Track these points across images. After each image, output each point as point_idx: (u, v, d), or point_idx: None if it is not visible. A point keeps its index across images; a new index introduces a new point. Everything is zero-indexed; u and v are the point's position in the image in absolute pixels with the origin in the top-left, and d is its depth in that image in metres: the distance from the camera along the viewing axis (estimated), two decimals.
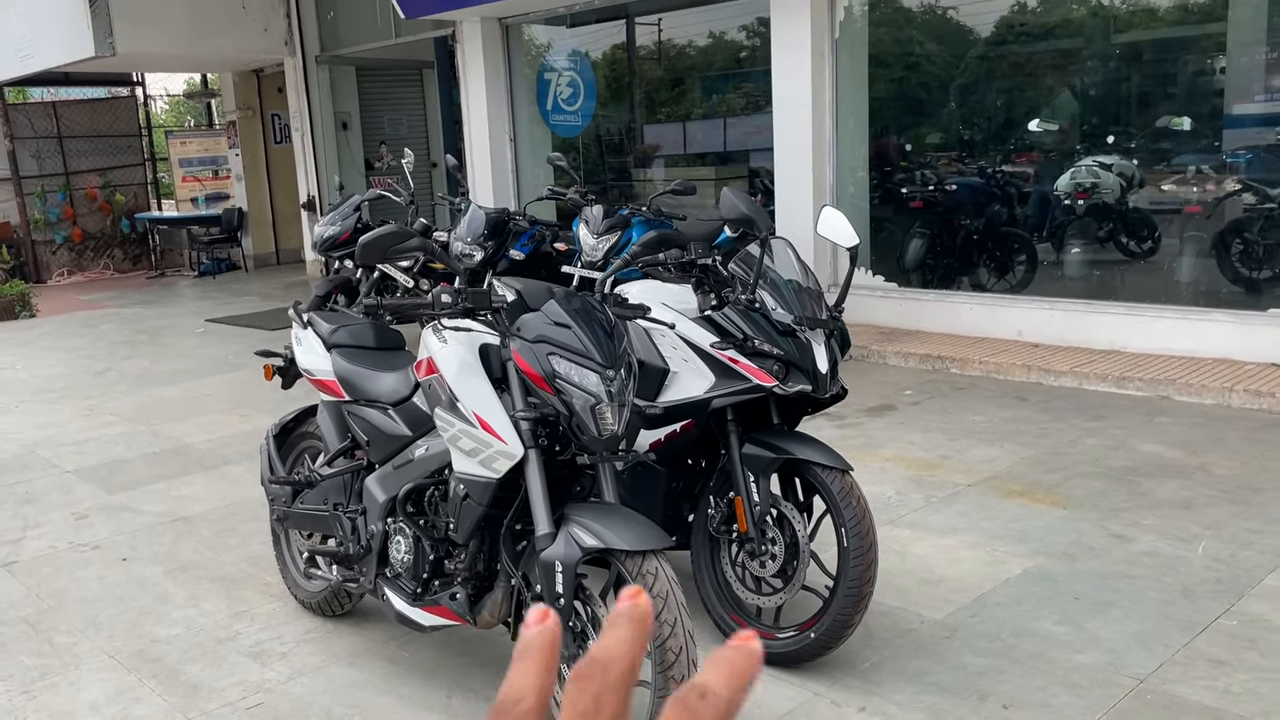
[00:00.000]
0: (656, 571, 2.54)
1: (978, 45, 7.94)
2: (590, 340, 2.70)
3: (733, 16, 9.38)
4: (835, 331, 3.25)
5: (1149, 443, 5.12)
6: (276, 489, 3.66)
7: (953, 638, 3.34)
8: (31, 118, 14.99)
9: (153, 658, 3.51)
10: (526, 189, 10.47)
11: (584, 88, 10.34)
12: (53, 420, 6.86)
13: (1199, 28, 6.96)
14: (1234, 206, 6.76)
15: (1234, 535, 3.99)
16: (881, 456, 5.14)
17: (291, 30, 12.88)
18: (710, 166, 9.93)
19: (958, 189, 8.10)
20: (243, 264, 15.02)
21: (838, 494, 3.06)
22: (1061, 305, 6.97)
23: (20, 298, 11.79)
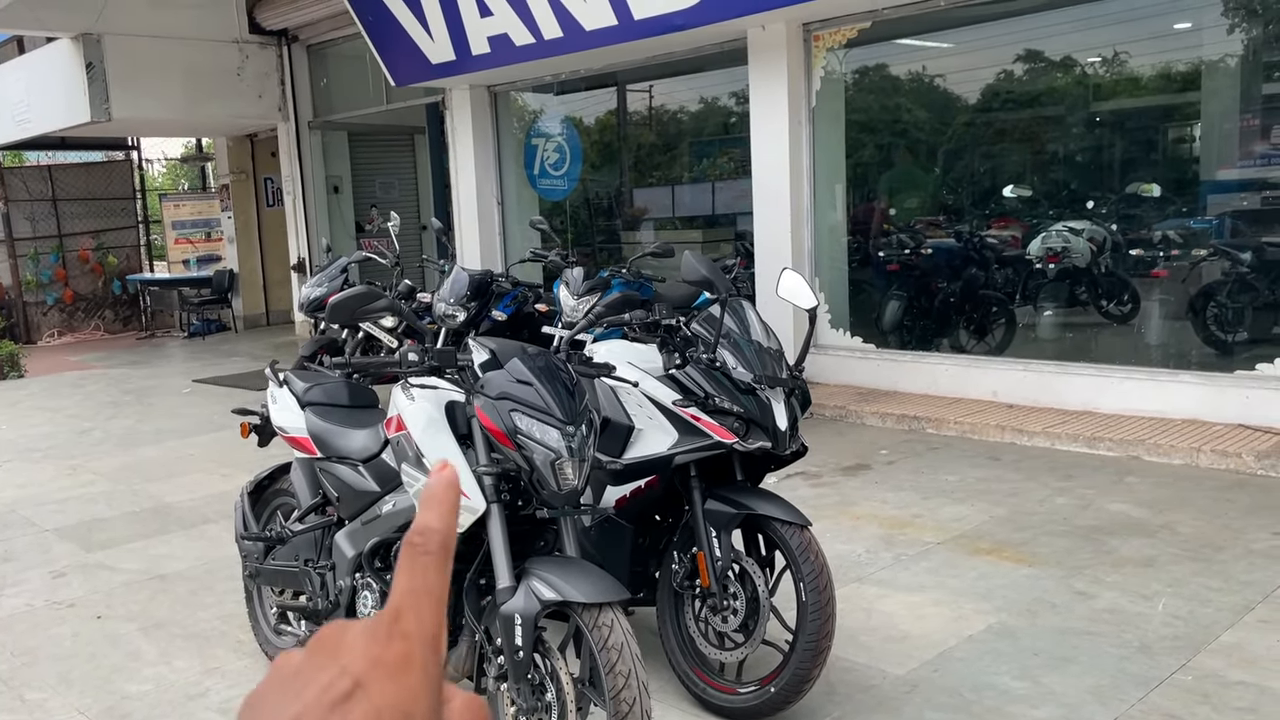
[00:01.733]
0: (612, 623, 2.59)
1: (955, 112, 8.16)
2: (552, 397, 2.79)
3: (719, 84, 9.62)
4: (795, 390, 3.34)
5: (1117, 502, 5.20)
6: (249, 545, 3.71)
7: (913, 693, 3.38)
8: (27, 181, 15.20)
9: (122, 714, 3.53)
10: (513, 251, 10.62)
11: (570, 152, 10.55)
12: (35, 479, 6.89)
13: (1176, 96, 7.18)
14: (1209, 270, 6.92)
15: (1194, 593, 4.05)
16: (854, 514, 5.20)
17: (285, 97, 13.14)
18: (697, 230, 10.11)
19: (934, 253, 8.26)
20: (233, 325, 15.14)
21: (796, 549, 3.13)
22: (1035, 366, 7.08)
23: (9, 358, 11.85)
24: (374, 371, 3.02)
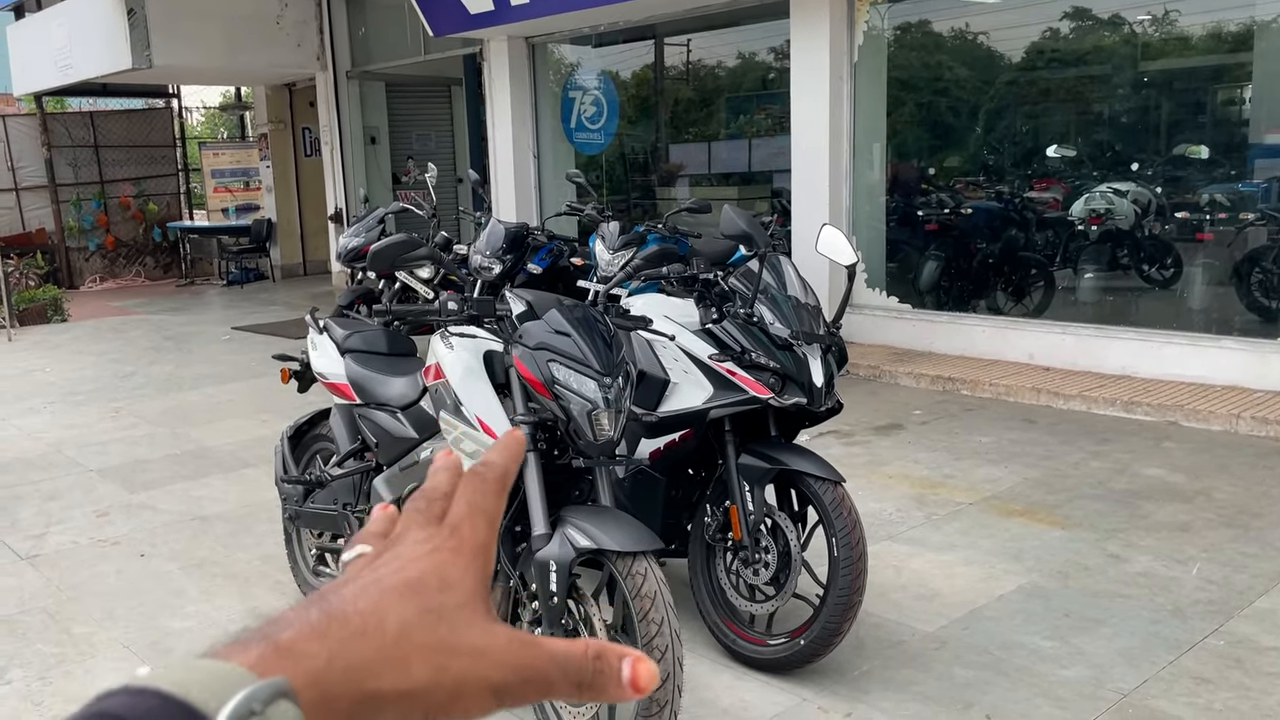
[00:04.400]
0: (646, 572, 2.62)
1: (999, 70, 8.02)
2: (589, 348, 2.80)
3: (759, 38, 9.50)
4: (832, 346, 3.34)
5: (1153, 467, 5.16)
6: (289, 489, 3.78)
7: (942, 650, 3.40)
8: (69, 127, 15.34)
9: (165, 649, 3.62)
10: (549, 205, 10.62)
11: (608, 106, 10.49)
12: (79, 421, 7.03)
13: (1226, 57, 7.01)
14: (1255, 235, 6.80)
15: (1229, 558, 4.03)
16: (885, 474, 5.20)
17: (324, 46, 13.14)
18: (733, 187, 10.03)
19: (974, 213, 8.16)
20: (270, 274, 15.27)
21: (829, 504, 3.14)
22: (1074, 330, 7.01)
23: (53, 302, 12.05)
24: (414, 320, 3.05)
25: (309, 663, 0.42)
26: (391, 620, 0.44)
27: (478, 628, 0.46)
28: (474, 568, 0.48)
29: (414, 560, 0.47)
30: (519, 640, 0.47)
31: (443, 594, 0.46)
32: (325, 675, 0.42)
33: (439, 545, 0.48)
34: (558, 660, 0.47)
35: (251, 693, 0.39)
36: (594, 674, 0.47)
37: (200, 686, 0.39)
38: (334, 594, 0.45)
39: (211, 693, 0.39)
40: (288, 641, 0.42)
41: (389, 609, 0.45)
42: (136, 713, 0.38)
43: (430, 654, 0.44)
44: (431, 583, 0.46)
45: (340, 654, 0.43)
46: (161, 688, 0.39)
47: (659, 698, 2.57)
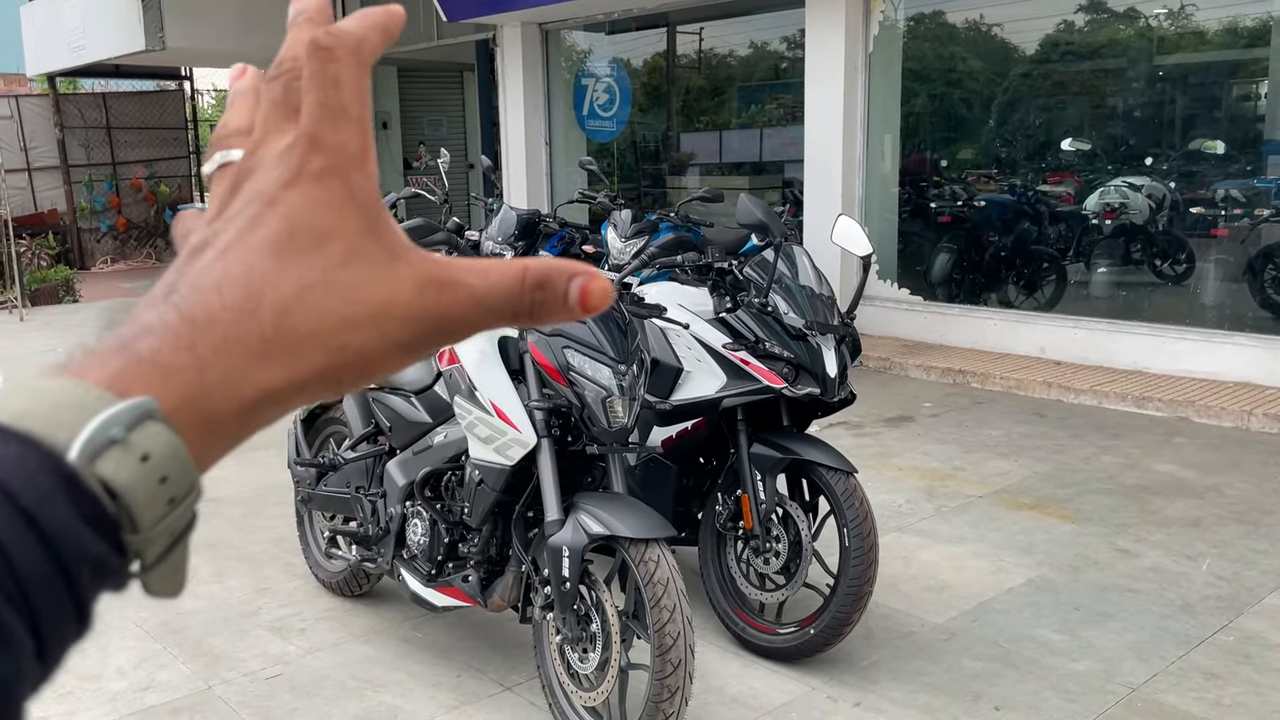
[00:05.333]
0: (658, 559, 2.63)
1: (1013, 62, 7.99)
2: (604, 336, 2.81)
3: (773, 28, 9.47)
4: (846, 337, 3.34)
5: (1163, 462, 5.16)
6: (302, 471, 3.80)
7: (951, 641, 3.41)
8: (81, 108, 15.36)
9: (178, 629, 3.65)
10: (560, 191, 10.61)
11: (620, 94, 10.47)
12: None
13: (1243, 52, 6.98)
14: (1269, 232, 6.77)
15: (1239, 554, 4.03)
16: (895, 466, 5.20)
17: None
18: (745, 176, 10.02)
19: (987, 205, 8.14)
20: None
21: (841, 495, 3.15)
22: (1085, 324, 7.00)
23: (64, 283, 12.08)
24: None
25: (178, 378, 0.35)
26: (267, 307, 0.37)
27: (375, 280, 0.38)
28: (355, 197, 0.39)
29: (274, 201, 0.38)
30: (430, 281, 0.39)
31: (320, 250, 0.38)
32: (200, 390, 0.35)
33: (297, 170, 0.38)
34: (480, 299, 0.39)
35: (111, 416, 0.33)
36: (533, 304, 0.40)
37: (46, 415, 0.33)
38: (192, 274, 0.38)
39: (60, 421, 0.33)
40: (149, 352, 0.35)
41: (261, 291, 0.37)
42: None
43: (322, 336, 0.37)
44: (303, 237, 0.38)
45: (214, 362, 0.36)
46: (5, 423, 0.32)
47: (670, 684, 2.58)
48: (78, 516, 0.32)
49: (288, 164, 0.39)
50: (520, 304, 0.40)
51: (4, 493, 0.31)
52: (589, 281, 0.40)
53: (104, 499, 0.33)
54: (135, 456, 0.33)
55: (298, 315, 0.37)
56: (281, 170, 0.39)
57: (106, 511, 0.33)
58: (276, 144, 0.40)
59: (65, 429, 0.32)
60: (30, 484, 0.31)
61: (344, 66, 0.39)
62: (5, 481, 0.31)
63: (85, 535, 0.32)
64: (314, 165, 0.38)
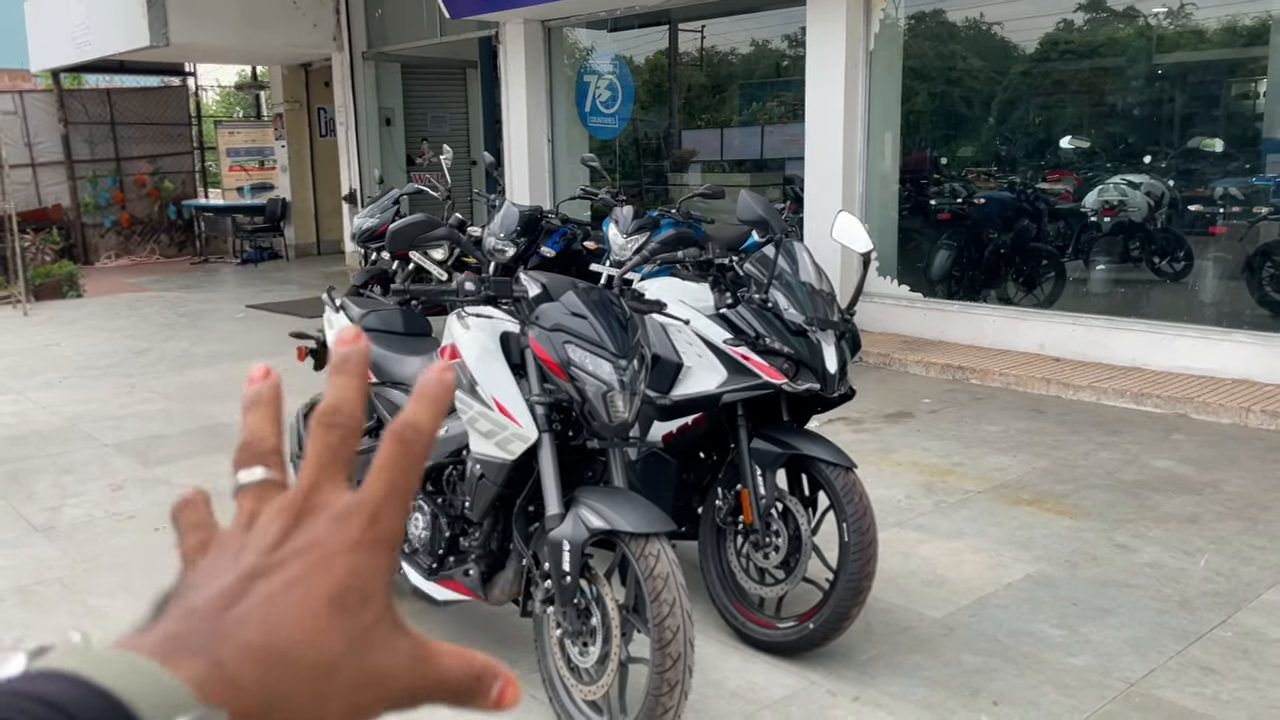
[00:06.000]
0: (659, 553, 2.65)
1: (1014, 60, 8.00)
2: (605, 331, 2.83)
3: (774, 25, 9.49)
4: (846, 333, 3.36)
5: (1162, 458, 5.18)
6: None
7: (950, 636, 3.43)
8: (86, 103, 15.38)
9: None
10: (562, 188, 10.63)
11: (622, 91, 10.49)
12: (94, 396, 7.09)
13: (1242, 51, 6.99)
14: (1267, 230, 6.79)
15: (1237, 550, 4.05)
16: (894, 461, 5.23)
17: (340, 26, 13.14)
18: (746, 173, 10.04)
19: (986, 203, 8.16)
20: (284, 253, 15.32)
21: (841, 490, 3.17)
22: (1084, 321, 7.02)
23: (68, 278, 12.11)
24: (430, 299, 3.08)
25: (247, 701, 0.40)
26: (324, 655, 0.42)
27: (386, 649, 0.44)
28: (388, 571, 0.45)
29: (333, 557, 0.43)
30: (416, 658, 0.45)
31: (363, 613, 0.43)
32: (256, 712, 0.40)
33: (359, 539, 0.44)
34: (445, 680, 0.45)
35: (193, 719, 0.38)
36: (470, 692, 0.46)
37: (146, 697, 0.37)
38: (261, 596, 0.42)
39: (154, 707, 0.37)
40: (232, 667, 0.40)
41: (321, 639, 0.42)
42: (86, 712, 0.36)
43: (347, 691, 0.42)
44: (353, 599, 0.43)
45: (275, 695, 0.40)
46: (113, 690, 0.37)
47: (670, 678, 2.61)
48: None
49: (350, 527, 0.44)
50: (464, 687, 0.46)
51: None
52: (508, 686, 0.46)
53: None
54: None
55: (340, 669, 0.42)
56: (344, 531, 0.44)
57: None
58: (334, 497, 0.45)
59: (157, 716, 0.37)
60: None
61: (415, 461, 0.46)
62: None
63: None
64: (370, 536, 0.44)
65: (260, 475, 0.47)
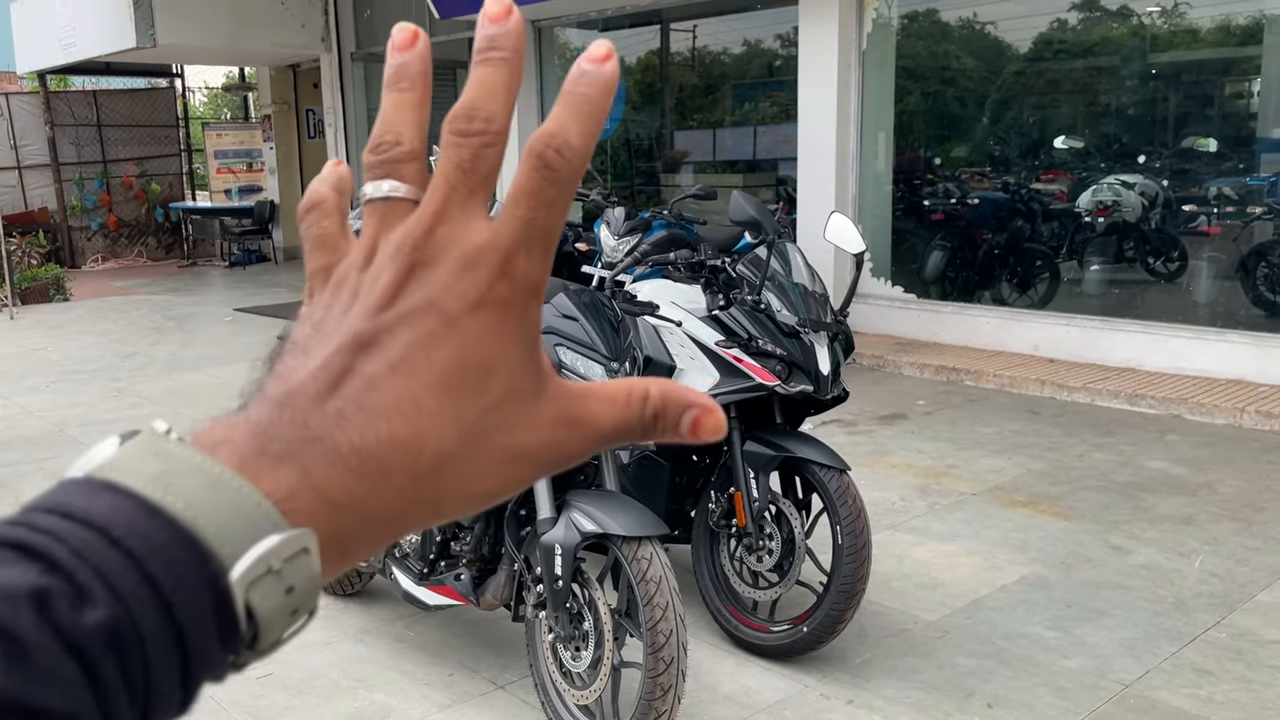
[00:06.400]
0: (651, 557, 2.62)
1: (1007, 60, 8.00)
2: (597, 333, 2.80)
3: (766, 25, 9.47)
4: (839, 335, 3.33)
5: (1156, 459, 5.16)
6: None
7: (944, 639, 3.41)
8: (72, 106, 15.30)
9: None
10: None
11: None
12: (82, 400, 7.03)
13: (1235, 50, 6.99)
14: (1261, 230, 6.79)
15: (1232, 551, 4.03)
16: (889, 463, 5.20)
17: (328, 27, 13.09)
18: (738, 174, 10.01)
19: (980, 203, 8.15)
20: (273, 256, 15.25)
21: (834, 492, 3.14)
22: (1079, 322, 7.01)
23: (55, 281, 12.04)
24: None
25: (340, 519, 0.34)
26: (428, 454, 0.35)
27: (520, 426, 0.37)
28: (521, 329, 0.37)
29: (452, 323, 0.36)
30: (566, 419, 0.38)
31: (484, 390, 0.36)
32: (351, 530, 0.35)
33: (484, 295, 0.36)
34: (604, 435, 0.38)
35: (277, 546, 0.32)
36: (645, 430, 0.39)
37: (218, 521, 0.32)
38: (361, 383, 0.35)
39: (231, 532, 0.32)
40: (321, 480, 0.34)
41: (426, 435, 0.35)
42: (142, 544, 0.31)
43: (463, 483, 0.36)
44: (472, 374, 0.36)
45: (370, 506, 0.35)
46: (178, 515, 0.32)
47: (663, 682, 2.58)
48: (215, 633, 0.32)
49: (475, 279, 0.36)
50: (634, 431, 0.39)
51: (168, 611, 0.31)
52: (703, 415, 0.39)
53: (243, 624, 0.33)
54: (282, 588, 0.33)
55: (451, 465, 0.36)
56: (467, 284, 0.36)
57: (238, 633, 0.33)
58: (461, 234, 0.37)
59: (231, 545, 0.32)
60: (190, 602, 0.31)
61: (562, 190, 0.37)
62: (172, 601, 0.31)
63: (215, 650, 0.32)
64: (500, 290, 0.36)
65: (387, 190, 0.38)
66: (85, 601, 0.30)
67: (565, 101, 0.38)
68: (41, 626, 0.29)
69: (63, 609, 0.29)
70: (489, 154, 0.37)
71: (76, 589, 0.30)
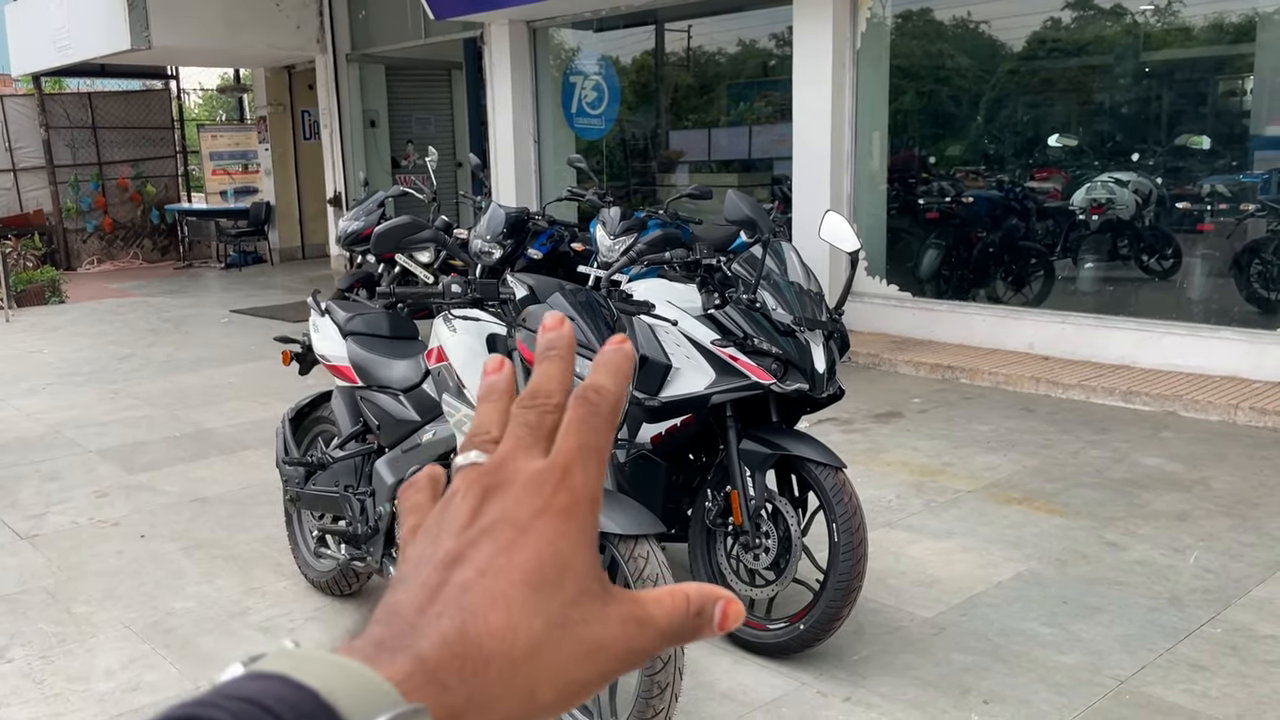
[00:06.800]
0: (648, 555, 2.63)
1: (1001, 59, 8.01)
2: (593, 332, 2.81)
3: (761, 25, 9.48)
4: (834, 333, 3.34)
5: (1151, 456, 5.18)
6: (290, 470, 3.78)
7: (940, 635, 3.42)
8: (67, 108, 15.28)
9: (166, 629, 3.63)
10: (549, 190, 10.60)
11: (609, 92, 10.46)
12: (78, 402, 7.03)
13: (1228, 48, 7.00)
14: (1255, 227, 6.80)
15: (1226, 547, 4.05)
16: (884, 461, 5.22)
17: (323, 28, 13.09)
18: (734, 174, 10.02)
19: (974, 201, 8.16)
20: (269, 257, 15.24)
21: (830, 490, 3.15)
22: (1074, 319, 7.02)
23: (51, 284, 12.03)
24: (417, 302, 3.05)
25: (449, 698, 0.39)
26: (521, 641, 0.41)
27: (595, 621, 0.43)
28: (586, 535, 0.43)
29: (525, 531, 0.42)
30: (631, 620, 0.43)
31: (562, 587, 0.42)
32: (461, 711, 0.40)
33: (549, 503, 0.43)
34: (665, 632, 0.44)
35: (397, 716, 0.37)
36: (694, 629, 0.45)
37: (350, 695, 0.37)
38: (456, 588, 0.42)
39: (359, 706, 0.37)
40: (432, 663, 0.40)
41: (519, 625, 0.41)
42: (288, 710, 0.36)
43: (557, 673, 0.41)
44: (550, 573, 0.42)
45: (477, 691, 0.40)
46: (317, 689, 0.37)
47: (660, 680, 2.59)
48: None
49: (540, 493, 0.43)
50: (685, 631, 0.45)
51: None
52: (729, 606, 0.46)
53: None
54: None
55: (543, 653, 0.41)
56: (533, 498, 0.43)
57: None
58: (525, 465, 0.44)
59: (361, 715, 0.37)
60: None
61: (603, 420, 0.45)
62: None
63: None
64: (561, 499, 0.43)
65: (473, 458, 0.46)
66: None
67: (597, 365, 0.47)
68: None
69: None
70: (549, 419, 0.46)
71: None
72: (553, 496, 0.43)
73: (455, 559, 0.42)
